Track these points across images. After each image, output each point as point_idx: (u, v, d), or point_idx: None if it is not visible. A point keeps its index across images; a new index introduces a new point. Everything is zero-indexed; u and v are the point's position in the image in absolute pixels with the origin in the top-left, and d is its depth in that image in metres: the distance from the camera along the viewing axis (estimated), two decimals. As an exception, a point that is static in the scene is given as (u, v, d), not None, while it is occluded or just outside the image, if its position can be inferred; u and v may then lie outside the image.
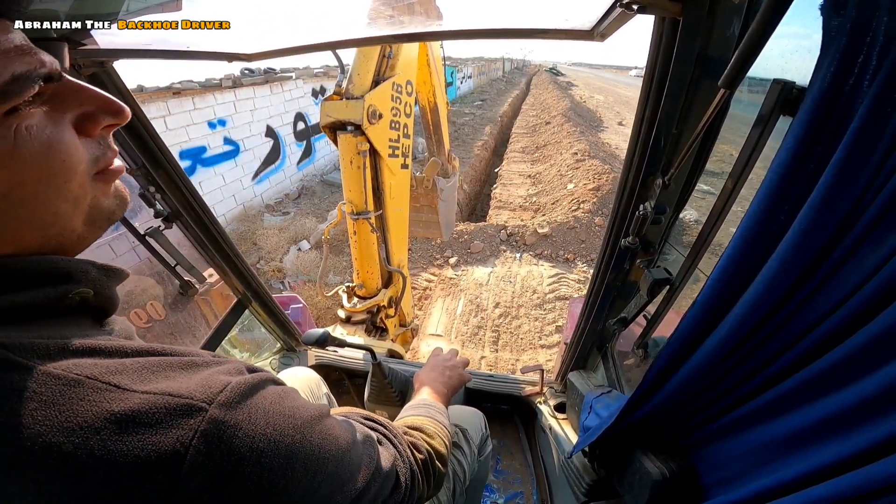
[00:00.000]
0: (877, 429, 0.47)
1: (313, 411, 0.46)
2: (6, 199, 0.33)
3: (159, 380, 0.35)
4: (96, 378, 0.32)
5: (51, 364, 0.32)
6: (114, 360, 0.35)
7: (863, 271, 0.50)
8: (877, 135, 0.43)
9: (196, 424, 0.33)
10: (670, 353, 0.76)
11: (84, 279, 0.40)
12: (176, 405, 0.33)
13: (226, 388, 0.37)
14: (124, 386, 0.33)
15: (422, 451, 0.69)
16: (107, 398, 0.32)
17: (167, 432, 0.32)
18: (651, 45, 0.76)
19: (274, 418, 0.39)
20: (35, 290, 0.36)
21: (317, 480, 0.42)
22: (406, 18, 1.08)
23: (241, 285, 1.71)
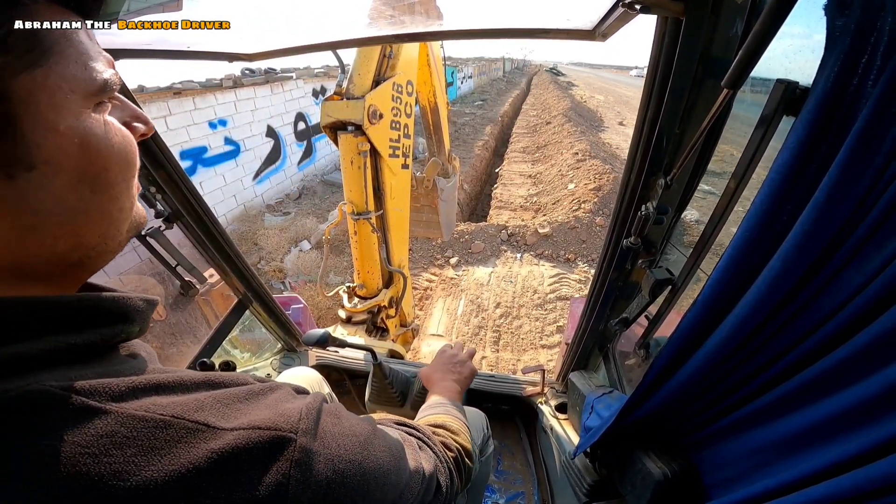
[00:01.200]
0: (878, 430, 0.47)
1: (367, 426, 0.48)
2: (93, 185, 0.35)
3: (237, 414, 0.36)
4: (184, 417, 0.33)
5: (127, 406, 0.31)
6: (185, 397, 0.35)
7: (865, 272, 0.50)
8: (880, 136, 0.43)
9: (290, 455, 0.35)
10: (670, 352, 0.76)
11: (138, 318, 0.40)
12: (269, 438, 0.34)
13: (302, 416, 0.38)
14: (212, 424, 0.33)
15: (452, 450, 0.71)
16: (201, 437, 0.32)
17: (268, 466, 0.33)
18: (653, 45, 0.75)
19: (342, 439, 0.41)
20: (93, 331, 0.35)
21: (385, 491, 0.45)
22: (406, 18, 1.07)
23: (242, 285, 1.71)
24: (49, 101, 0.30)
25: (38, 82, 0.30)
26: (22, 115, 0.29)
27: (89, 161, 0.34)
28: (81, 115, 0.33)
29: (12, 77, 0.28)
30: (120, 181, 0.37)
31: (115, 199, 0.37)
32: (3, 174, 0.29)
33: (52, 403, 0.29)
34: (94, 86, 0.34)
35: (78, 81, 0.32)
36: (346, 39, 1.12)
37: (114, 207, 0.38)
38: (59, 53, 0.31)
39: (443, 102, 2.74)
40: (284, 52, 1.14)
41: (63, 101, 0.31)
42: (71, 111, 0.32)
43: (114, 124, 0.37)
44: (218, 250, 1.53)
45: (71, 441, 0.28)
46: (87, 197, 0.34)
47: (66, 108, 0.32)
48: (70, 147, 0.32)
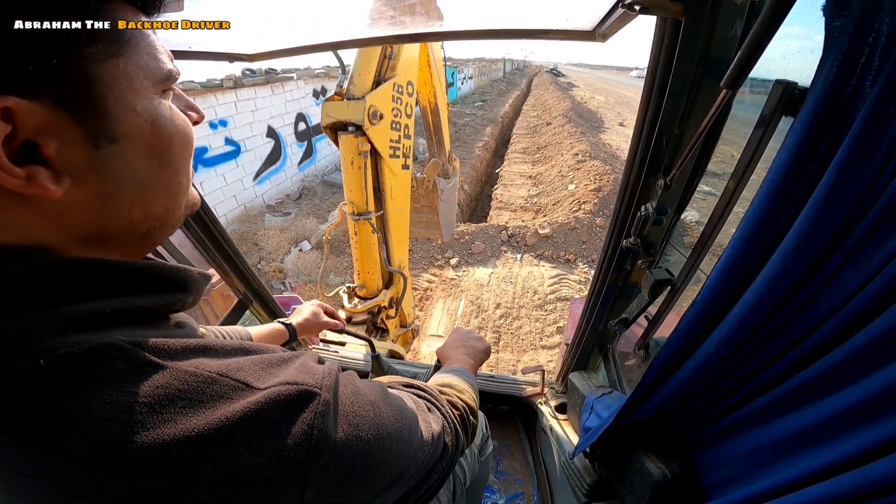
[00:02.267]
0: (877, 430, 0.47)
1: (378, 390, 0.51)
2: (160, 160, 0.39)
3: (270, 376, 0.39)
4: (228, 376, 0.36)
5: (181, 363, 0.35)
6: (227, 360, 0.39)
7: (864, 272, 0.50)
8: (878, 136, 0.43)
9: (315, 407, 0.38)
10: (669, 352, 0.76)
11: (194, 289, 0.45)
12: (297, 392, 0.38)
13: (326, 375, 0.42)
14: (251, 383, 0.37)
15: (458, 408, 0.72)
16: (241, 394, 0.35)
17: (296, 417, 0.36)
18: (653, 46, 0.76)
19: (357, 398, 0.44)
20: (156, 296, 0.40)
21: (400, 447, 0.47)
22: (407, 19, 1.08)
23: (242, 285, 1.71)
24: (128, 85, 0.35)
25: (120, 69, 0.35)
26: (107, 96, 0.34)
27: (158, 138, 0.39)
28: (153, 99, 0.38)
29: (100, 63, 0.33)
30: (180, 158, 0.42)
31: (177, 173, 0.42)
32: (93, 144, 0.34)
33: (120, 356, 0.33)
34: (162, 74, 0.38)
35: (150, 70, 0.37)
36: (347, 40, 1.13)
37: (174, 182, 0.42)
38: (135, 45, 0.36)
39: (443, 103, 2.74)
40: (285, 52, 1.14)
41: (139, 86, 0.36)
42: (145, 95, 0.37)
43: (174, 110, 0.41)
44: (218, 250, 1.53)
45: (131, 391, 0.32)
46: (156, 170, 0.39)
47: (140, 92, 0.37)
48: (144, 125, 0.37)
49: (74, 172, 0.34)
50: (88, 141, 0.34)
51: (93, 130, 0.34)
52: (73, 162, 0.34)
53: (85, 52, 0.32)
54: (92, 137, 0.34)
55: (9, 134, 0.30)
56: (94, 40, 0.32)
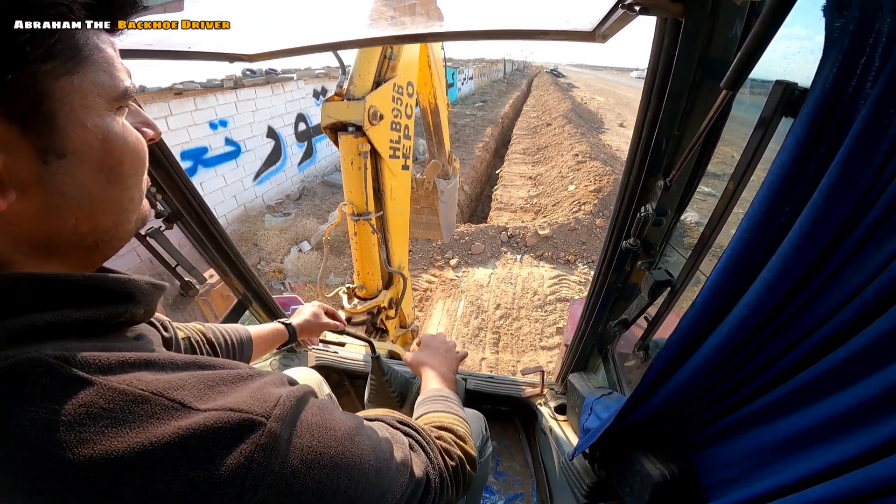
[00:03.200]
0: (878, 431, 0.47)
1: (351, 422, 0.47)
2: (109, 177, 0.39)
3: (217, 396, 0.37)
4: (162, 394, 0.34)
5: (112, 378, 0.33)
6: (171, 375, 0.37)
7: (864, 273, 0.50)
8: (879, 136, 0.43)
9: (257, 439, 0.35)
10: (669, 353, 0.76)
11: (143, 300, 0.43)
12: (238, 420, 0.35)
13: (279, 402, 0.39)
14: (188, 403, 0.35)
15: (454, 458, 0.68)
16: (174, 415, 0.33)
17: (233, 447, 0.34)
18: (653, 47, 0.75)
19: (319, 430, 0.41)
20: (98, 308, 0.39)
21: (360, 489, 0.44)
22: (407, 19, 1.08)
23: (242, 286, 1.71)
24: (81, 102, 0.35)
25: (75, 85, 0.34)
26: (58, 112, 0.34)
27: (108, 155, 0.38)
28: (105, 116, 0.38)
29: (55, 80, 0.33)
30: (132, 175, 0.42)
31: (128, 189, 0.42)
32: (41, 159, 0.34)
33: (45, 372, 0.31)
34: (117, 92, 0.38)
35: (104, 87, 0.37)
36: (347, 40, 1.13)
37: (125, 197, 0.42)
38: (91, 62, 0.36)
39: (443, 104, 2.74)
40: (285, 52, 1.14)
41: (91, 103, 0.36)
42: (97, 112, 0.37)
43: (128, 127, 0.41)
44: (218, 250, 1.53)
45: (52, 409, 0.30)
46: (105, 186, 0.39)
47: (93, 109, 0.36)
48: (94, 141, 0.37)
49: (20, 186, 0.34)
50: (37, 155, 0.34)
51: (42, 145, 0.34)
52: (20, 176, 0.34)
53: (41, 68, 0.32)
54: (40, 152, 0.34)
55: None
56: (50, 56, 0.32)
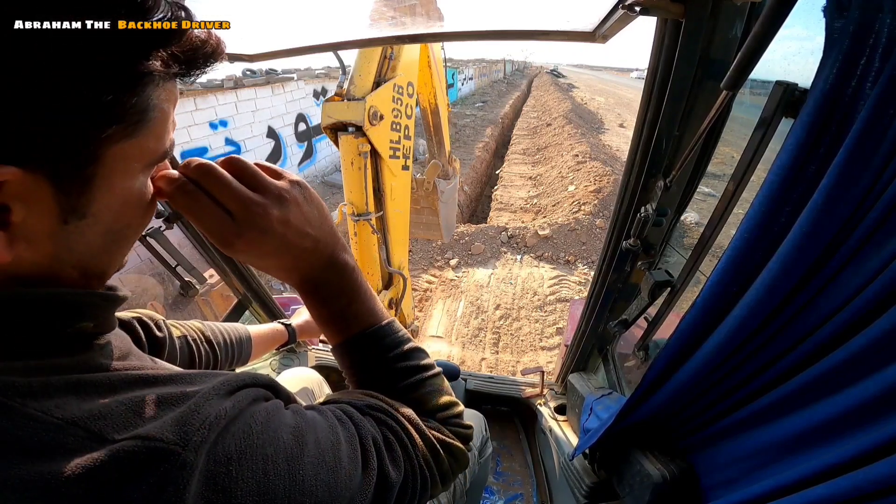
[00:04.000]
0: (877, 431, 0.47)
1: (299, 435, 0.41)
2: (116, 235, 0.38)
3: (142, 420, 0.33)
4: (79, 424, 0.31)
5: (32, 404, 0.31)
6: (100, 401, 0.33)
7: (864, 274, 0.50)
8: (878, 137, 0.43)
9: (165, 469, 0.31)
10: (669, 354, 0.76)
11: (89, 313, 0.39)
12: (146, 449, 0.31)
13: (203, 425, 0.34)
14: (104, 434, 0.32)
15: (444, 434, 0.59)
16: (85, 446, 0.31)
17: (140, 480, 0.31)
18: (653, 47, 0.76)
19: (251, 451, 0.36)
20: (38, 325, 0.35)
21: None
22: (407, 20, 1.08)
23: (242, 286, 1.71)
24: (122, 167, 0.34)
25: (125, 151, 0.33)
26: (98, 176, 0.32)
27: (122, 217, 0.37)
28: (138, 181, 0.37)
29: (110, 144, 0.32)
30: (134, 235, 0.41)
31: (126, 246, 0.41)
32: (62, 219, 0.33)
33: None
34: (157, 156, 0.37)
35: (149, 153, 0.36)
36: (347, 41, 1.13)
37: (121, 254, 0.41)
38: (150, 128, 0.34)
39: (443, 104, 2.74)
40: (285, 52, 1.14)
41: (131, 168, 0.35)
42: (132, 176, 0.36)
43: (149, 184, 0.39)
44: (217, 250, 1.53)
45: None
46: (108, 244, 0.38)
47: (129, 174, 0.35)
48: (115, 205, 0.35)
49: (32, 240, 0.32)
50: (60, 214, 0.32)
51: (69, 206, 0.32)
52: (35, 231, 0.32)
53: (105, 132, 0.30)
54: (64, 213, 0.32)
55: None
56: (119, 120, 0.31)
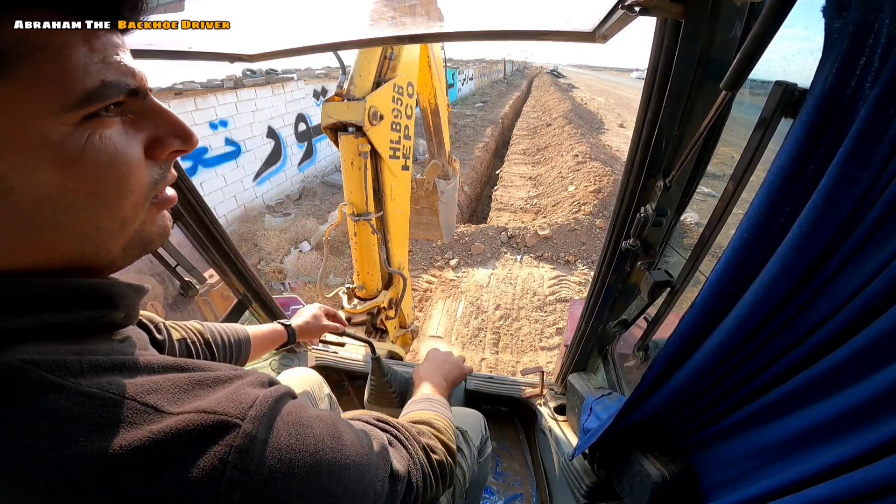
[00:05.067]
0: (877, 431, 0.47)
1: (329, 421, 0.46)
2: (52, 203, 0.33)
3: (191, 399, 0.36)
4: (133, 398, 0.33)
5: (84, 382, 0.32)
6: (146, 378, 0.36)
7: (864, 273, 0.50)
8: (878, 137, 0.43)
9: (231, 440, 0.34)
10: (668, 354, 0.76)
11: (121, 304, 0.41)
12: (211, 422, 0.34)
13: (255, 403, 0.38)
14: (161, 407, 0.33)
15: (437, 452, 0.68)
16: (146, 419, 0.32)
17: (206, 450, 0.33)
18: (653, 47, 0.76)
19: (297, 429, 0.40)
20: (75, 312, 0.37)
21: (342, 486, 0.43)
22: (408, 20, 1.08)
23: (242, 286, 1.71)
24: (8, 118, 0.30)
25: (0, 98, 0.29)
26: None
27: (51, 181, 0.32)
28: (50, 132, 0.31)
29: None
30: (93, 203, 0.35)
31: (89, 219, 0.36)
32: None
33: (13, 376, 0.30)
34: (70, 99, 0.31)
35: (46, 96, 0.30)
36: (347, 41, 1.13)
37: (87, 227, 0.36)
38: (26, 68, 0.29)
39: (443, 104, 2.74)
40: (285, 52, 1.14)
41: (24, 117, 0.30)
42: (35, 128, 0.31)
43: (105, 141, 0.35)
44: (218, 250, 1.53)
45: (21, 413, 0.29)
46: (50, 215, 0.33)
47: (27, 125, 0.30)
48: (26, 165, 0.31)
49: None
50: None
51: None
52: None
53: None
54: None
55: None
56: None
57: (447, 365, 1.06)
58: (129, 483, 0.30)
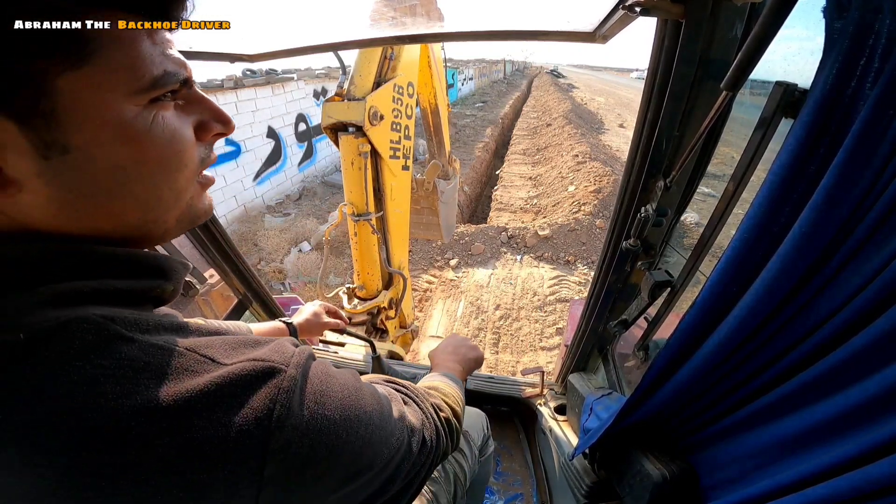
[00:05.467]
0: (877, 431, 0.47)
1: (350, 376, 0.51)
2: (124, 173, 0.39)
3: (240, 354, 0.40)
4: (195, 351, 0.37)
5: (151, 337, 0.36)
6: (200, 338, 0.40)
7: (864, 274, 0.50)
8: (878, 137, 0.43)
9: (279, 382, 0.38)
10: (669, 354, 0.76)
11: (173, 277, 0.46)
12: (262, 367, 0.38)
13: (295, 354, 0.43)
14: (217, 359, 0.38)
15: (444, 410, 0.72)
16: (206, 368, 0.36)
17: (259, 390, 0.37)
18: (653, 48, 0.76)
19: (327, 378, 0.45)
20: (135, 281, 0.41)
21: (368, 431, 0.46)
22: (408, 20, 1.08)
23: (242, 286, 1.71)
24: (90, 98, 0.35)
25: (81, 81, 0.34)
26: (60, 108, 0.33)
27: (125, 153, 0.38)
28: (125, 111, 0.37)
29: (55, 76, 0.32)
30: (158, 172, 0.41)
31: (155, 187, 0.41)
32: (41, 155, 0.34)
33: (91, 329, 0.34)
34: (141, 83, 0.37)
35: (123, 82, 0.36)
36: (348, 41, 1.13)
37: (152, 196, 0.42)
38: (103, 56, 0.34)
39: (443, 104, 2.74)
40: (286, 53, 1.14)
41: (104, 98, 0.35)
42: (112, 107, 0.36)
43: (166, 121, 0.40)
44: (218, 250, 1.53)
45: (98, 363, 0.33)
46: (123, 182, 0.39)
47: (107, 104, 0.36)
48: (106, 137, 0.36)
49: (23, 180, 0.35)
50: (36, 151, 0.34)
51: (41, 141, 0.34)
52: (21, 170, 0.34)
53: (39, 66, 0.32)
54: (41, 148, 0.34)
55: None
56: (51, 53, 0.32)
57: (463, 348, 1.08)
58: (194, 425, 0.33)
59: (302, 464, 0.38)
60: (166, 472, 0.32)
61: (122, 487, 0.32)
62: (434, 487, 1.08)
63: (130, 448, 0.32)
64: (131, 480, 0.32)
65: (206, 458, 0.33)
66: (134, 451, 0.32)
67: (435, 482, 1.09)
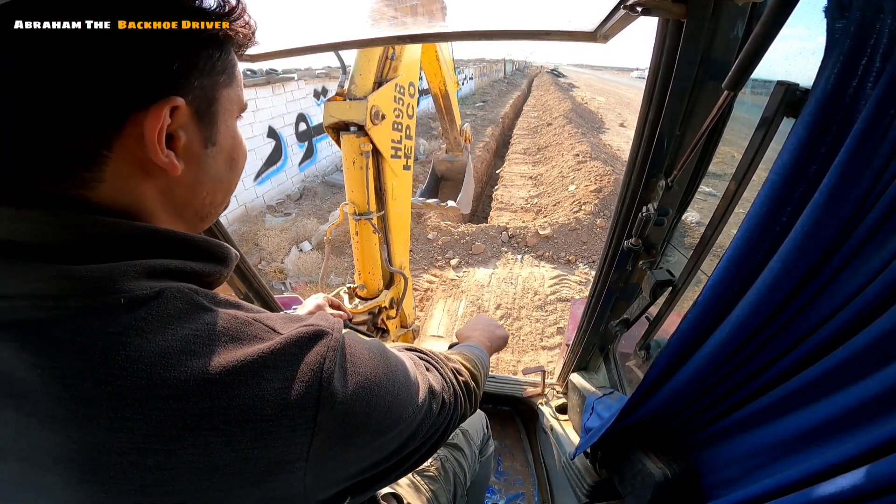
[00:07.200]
0: (878, 430, 0.47)
1: (377, 341, 0.57)
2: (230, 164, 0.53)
3: (293, 323, 0.46)
4: (260, 322, 0.44)
5: (224, 310, 0.43)
6: (257, 314, 0.46)
7: (865, 273, 0.50)
8: (879, 137, 0.44)
9: (328, 342, 0.45)
10: (670, 353, 0.76)
11: (230, 265, 0.53)
12: (313, 331, 0.45)
13: (337, 321, 0.49)
14: (277, 329, 0.44)
15: (463, 374, 0.76)
16: (270, 336, 0.43)
17: (312, 348, 0.43)
18: (654, 47, 0.76)
19: (361, 342, 0.52)
20: (205, 264, 0.48)
21: (396, 388, 0.52)
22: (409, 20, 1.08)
23: (243, 285, 1.71)
24: (228, 108, 0.49)
25: (227, 95, 0.48)
26: (218, 112, 0.47)
27: (234, 149, 0.52)
28: (234, 121, 0.52)
29: (221, 89, 0.47)
30: (241, 166, 0.56)
31: (237, 176, 0.56)
32: (204, 145, 0.47)
33: (182, 298, 0.40)
34: (243, 104, 0.53)
35: (238, 100, 0.51)
36: (348, 41, 1.13)
37: (234, 182, 0.56)
38: (237, 80, 0.50)
39: (452, 89, 2.80)
40: (285, 52, 1.14)
41: (231, 110, 0.50)
42: (233, 117, 0.51)
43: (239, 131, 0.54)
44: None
45: (188, 327, 0.39)
46: (227, 171, 0.53)
47: (232, 115, 0.50)
48: (229, 138, 0.51)
49: (187, 161, 0.45)
50: (203, 141, 0.47)
51: (207, 135, 0.47)
52: (190, 153, 0.45)
53: (218, 79, 0.46)
54: (205, 140, 0.47)
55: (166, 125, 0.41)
56: (223, 71, 0.46)
57: (491, 326, 1.12)
58: (263, 378, 0.39)
59: (345, 413, 0.44)
60: (241, 421, 0.38)
61: (201, 437, 0.36)
62: (434, 487, 1.08)
63: (216, 398, 0.37)
64: (210, 428, 0.37)
65: (273, 405, 0.39)
66: (218, 400, 0.37)
67: (435, 482, 1.09)
